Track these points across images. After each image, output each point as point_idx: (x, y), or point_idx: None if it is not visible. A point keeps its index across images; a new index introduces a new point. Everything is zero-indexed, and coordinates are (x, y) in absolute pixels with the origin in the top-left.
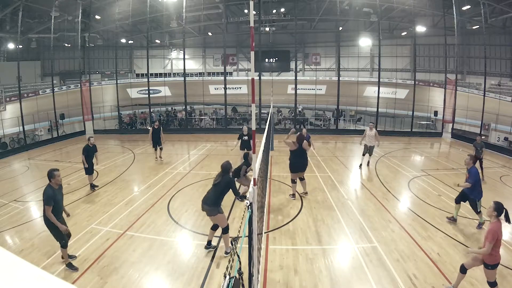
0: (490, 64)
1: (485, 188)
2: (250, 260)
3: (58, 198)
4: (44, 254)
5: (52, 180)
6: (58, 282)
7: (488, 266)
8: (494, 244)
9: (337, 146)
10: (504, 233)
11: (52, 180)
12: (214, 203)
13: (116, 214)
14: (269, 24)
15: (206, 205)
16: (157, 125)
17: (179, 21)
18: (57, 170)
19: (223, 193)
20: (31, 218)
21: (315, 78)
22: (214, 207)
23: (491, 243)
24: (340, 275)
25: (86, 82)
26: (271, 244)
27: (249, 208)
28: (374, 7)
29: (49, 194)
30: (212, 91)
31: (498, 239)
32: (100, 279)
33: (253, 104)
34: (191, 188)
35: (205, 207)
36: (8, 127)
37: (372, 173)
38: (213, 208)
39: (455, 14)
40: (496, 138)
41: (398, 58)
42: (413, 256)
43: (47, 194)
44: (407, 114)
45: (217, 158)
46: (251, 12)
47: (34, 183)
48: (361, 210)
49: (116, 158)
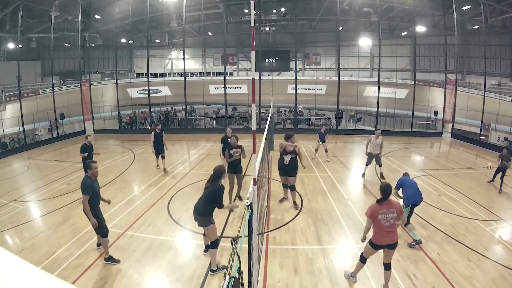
0: (490, 64)
1: (485, 188)
2: (250, 260)
3: (96, 188)
4: (44, 254)
5: (89, 171)
6: (58, 282)
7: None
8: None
9: (337, 146)
10: (504, 233)
11: (89, 171)
12: (206, 211)
13: (116, 214)
14: (269, 24)
15: (197, 214)
16: (159, 129)
17: (179, 21)
18: (95, 162)
19: (213, 202)
20: (31, 218)
21: (315, 78)
22: (207, 216)
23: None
24: (340, 275)
25: (86, 82)
26: (271, 244)
27: (249, 208)
28: (374, 7)
29: (87, 184)
30: (212, 91)
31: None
32: (100, 279)
33: (253, 104)
34: (191, 188)
35: (196, 217)
36: (8, 127)
37: (372, 173)
38: (206, 218)
39: (455, 14)
40: (496, 138)
41: (398, 58)
42: (413, 256)
43: (85, 184)
44: (407, 114)
45: (217, 158)
46: (251, 12)
47: (34, 183)
48: (361, 210)
49: (116, 158)
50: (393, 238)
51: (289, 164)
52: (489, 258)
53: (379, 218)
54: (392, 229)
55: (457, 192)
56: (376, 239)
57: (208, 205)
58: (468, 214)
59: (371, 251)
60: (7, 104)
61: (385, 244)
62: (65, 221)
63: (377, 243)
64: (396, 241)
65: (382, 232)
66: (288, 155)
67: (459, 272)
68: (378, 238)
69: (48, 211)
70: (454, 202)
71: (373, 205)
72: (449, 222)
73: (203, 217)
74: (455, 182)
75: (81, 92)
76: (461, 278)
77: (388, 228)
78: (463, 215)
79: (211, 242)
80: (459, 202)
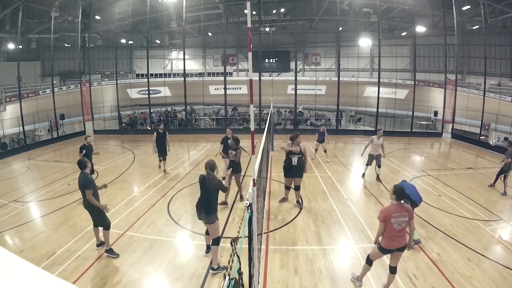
0: (490, 64)
1: (485, 188)
2: (250, 260)
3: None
4: (44, 254)
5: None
6: (58, 282)
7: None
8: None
9: (337, 146)
10: (504, 233)
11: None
12: (213, 208)
13: (116, 214)
14: (269, 24)
15: (204, 212)
16: (162, 129)
17: (179, 21)
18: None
19: (215, 196)
20: (31, 218)
21: (315, 78)
22: (214, 213)
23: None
24: (340, 275)
25: (86, 82)
26: (271, 245)
27: (249, 208)
28: (374, 7)
29: (89, 179)
30: (212, 91)
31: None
32: (100, 279)
33: (251, 105)
34: (191, 188)
35: (203, 215)
36: (8, 127)
37: (373, 174)
38: (214, 214)
39: (455, 14)
40: (496, 138)
41: (398, 58)
42: (413, 256)
43: (88, 179)
44: (407, 114)
45: (217, 159)
46: (248, 13)
47: (34, 184)
48: (361, 210)
49: (116, 158)
50: (403, 241)
51: (297, 165)
52: (489, 258)
53: (391, 221)
54: (402, 232)
55: (457, 192)
56: (386, 243)
57: (214, 199)
58: (468, 214)
59: (379, 255)
60: (7, 105)
61: (395, 248)
62: (65, 222)
63: (387, 247)
64: (405, 244)
65: (392, 235)
66: (296, 156)
67: (459, 272)
68: (387, 242)
69: (48, 212)
70: (454, 202)
71: (385, 209)
72: (449, 222)
73: (211, 214)
74: (455, 182)
75: (81, 93)
76: (461, 278)
77: (399, 232)
78: (463, 215)
79: (213, 239)
80: (459, 202)
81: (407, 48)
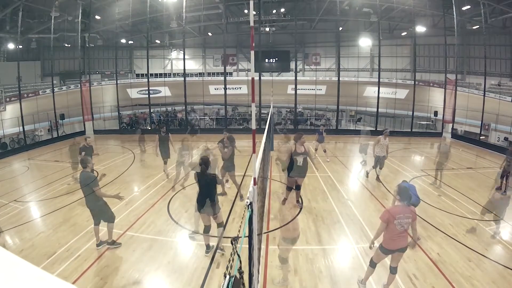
0: (490, 64)
1: (485, 188)
2: (250, 260)
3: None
4: (44, 254)
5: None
6: (58, 282)
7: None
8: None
9: (337, 146)
10: (504, 233)
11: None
12: (214, 200)
13: (116, 214)
14: (269, 24)
15: (208, 205)
16: (164, 131)
17: (179, 21)
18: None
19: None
20: (31, 218)
21: (315, 78)
22: (217, 203)
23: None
24: (340, 275)
25: (86, 82)
26: (271, 244)
27: (249, 207)
28: (374, 7)
29: (91, 176)
30: (212, 91)
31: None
32: (100, 279)
33: (253, 104)
34: (191, 188)
35: (207, 209)
36: (8, 127)
37: (372, 173)
38: (216, 205)
39: (455, 14)
40: (496, 138)
41: (398, 58)
42: (413, 256)
43: (90, 177)
44: (407, 114)
45: (217, 159)
46: (251, 12)
47: (34, 183)
48: (361, 210)
49: (116, 158)
50: (404, 242)
51: (302, 165)
52: (489, 258)
53: (394, 223)
54: (404, 233)
55: (457, 192)
56: (387, 244)
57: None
58: (468, 214)
59: (381, 256)
60: (7, 105)
61: (396, 248)
62: (65, 222)
63: (388, 248)
64: (407, 245)
65: (393, 236)
66: (301, 156)
67: (459, 272)
68: (389, 243)
69: (48, 212)
70: (454, 202)
71: (389, 210)
72: (449, 222)
73: (215, 205)
74: (455, 182)
75: (81, 93)
76: (461, 278)
77: (401, 233)
78: (463, 215)
79: (219, 223)
80: (459, 202)
81: (407, 48)
